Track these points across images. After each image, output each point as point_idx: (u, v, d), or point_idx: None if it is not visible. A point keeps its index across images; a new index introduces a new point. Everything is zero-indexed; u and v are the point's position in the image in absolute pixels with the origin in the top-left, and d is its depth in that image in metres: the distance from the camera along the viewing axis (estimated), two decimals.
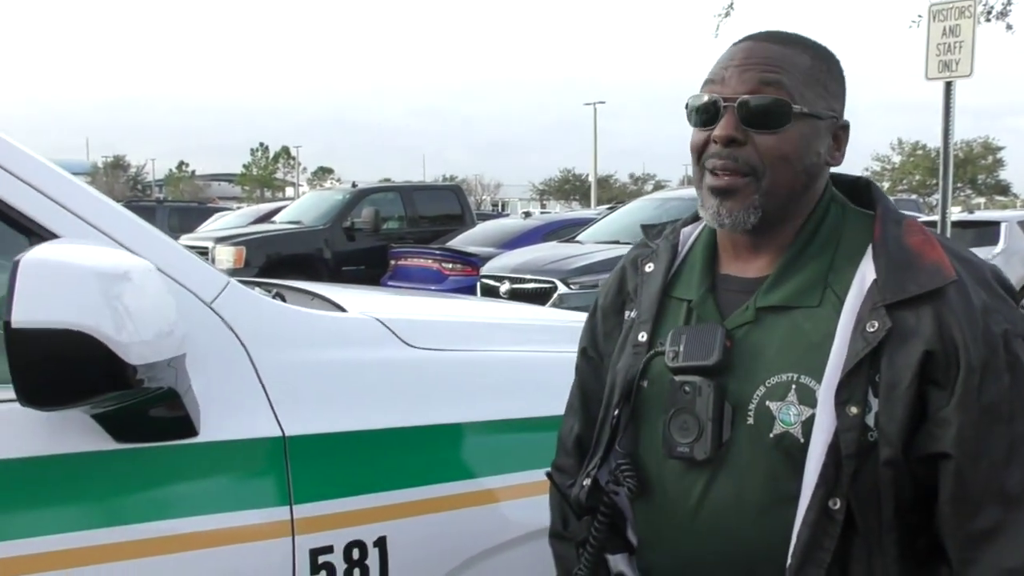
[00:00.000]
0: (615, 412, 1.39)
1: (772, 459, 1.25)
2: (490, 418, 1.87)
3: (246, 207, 24.70)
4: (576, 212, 20.34)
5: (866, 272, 1.26)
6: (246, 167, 74.58)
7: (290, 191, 66.90)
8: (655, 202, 10.49)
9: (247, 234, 12.26)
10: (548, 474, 1.55)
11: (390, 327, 1.90)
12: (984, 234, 12.35)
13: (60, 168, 1.59)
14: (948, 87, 8.32)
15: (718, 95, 1.30)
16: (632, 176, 75.76)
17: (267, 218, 14.86)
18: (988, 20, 11.30)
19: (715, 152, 1.30)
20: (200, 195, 60.54)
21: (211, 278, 1.67)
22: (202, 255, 1.83)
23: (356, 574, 1.61)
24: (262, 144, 75.68)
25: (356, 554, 1.61)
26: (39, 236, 1.47)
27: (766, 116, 1.28)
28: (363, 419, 1.71)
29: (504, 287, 8.43)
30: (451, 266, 10.10)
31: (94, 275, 1.29)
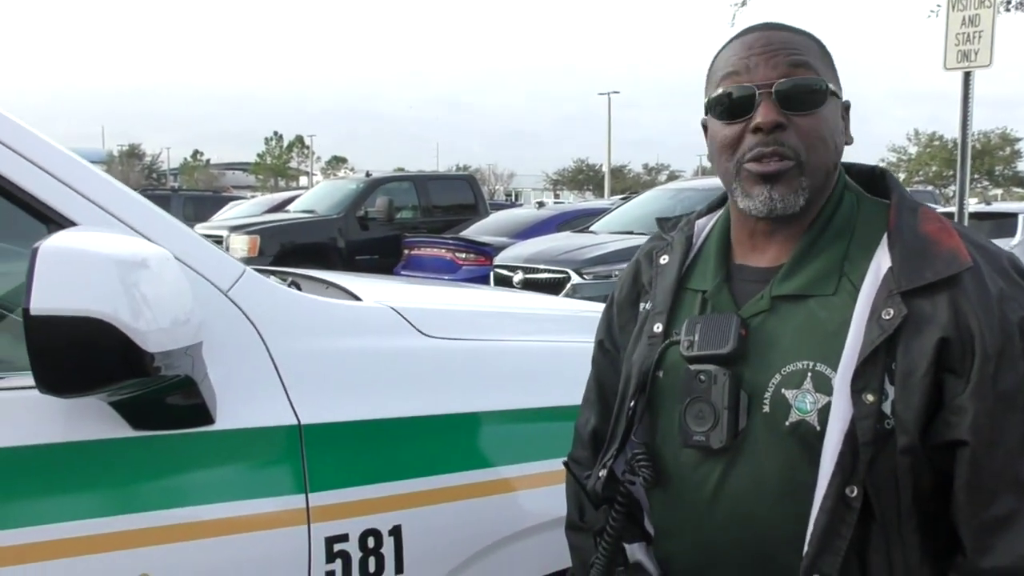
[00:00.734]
0: (631, 403, 1.39)
1: (788, 447, 1.25)
2: (504, 407, 1.87)
3: (260, 196, 24.80)
4: (590, 202, 20.25)
5: (882, 260, 1.26)
6: (260, 156, 74.54)
7: (304, 180, 67.01)
8: (669, 192, 10.46)
9: (261, 223, 12.28)
10: (566, 463, 1.55)
11: (405, 316, 1.90)
12: (1002, 226, 12.27)
13: (77, 156, 1.60)
14: (967, 77, 8.23)
15: (750, 84, 1.29)
16: (646, 166, 75.37)
17: (281, 207, 14.89)
18: (1008, 10, 11.19)
19: (758, 141, 1.29)
20: (214, 184, 60.68)
21: (228, 266, 1.67)
22: (216, 243, 1.83)
23: (371, 562, 1.61)
24: (276, 133, 75.70)
25: (371, 542, 1.61)
26: (57, 224, 1.48)
27: (806, 97, 1.28)
28: (378, 407, 1.71)
29: (517, 277, 8.43)
30: (464, 256, 10.09)
31: (112, 263, 1.29)
